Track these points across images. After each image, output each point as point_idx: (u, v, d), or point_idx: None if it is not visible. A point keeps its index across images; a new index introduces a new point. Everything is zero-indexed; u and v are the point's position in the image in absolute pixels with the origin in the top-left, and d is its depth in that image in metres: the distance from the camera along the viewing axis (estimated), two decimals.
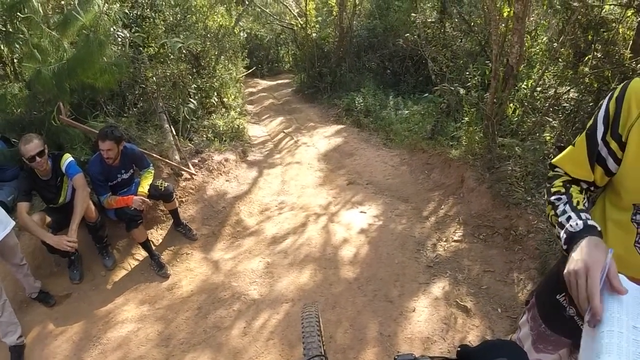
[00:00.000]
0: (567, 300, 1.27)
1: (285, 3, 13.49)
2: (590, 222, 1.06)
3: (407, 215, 4.79)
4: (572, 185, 1.22)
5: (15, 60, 4.85)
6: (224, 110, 7.74)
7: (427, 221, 4.63)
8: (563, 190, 1.21)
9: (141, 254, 4.22)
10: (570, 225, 1.07)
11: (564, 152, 1.27)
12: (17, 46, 4.17)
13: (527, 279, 3.47)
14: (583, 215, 1.09)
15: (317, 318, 2.22)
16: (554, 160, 1.29)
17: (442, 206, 4.89)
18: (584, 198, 1.17)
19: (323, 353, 1.88)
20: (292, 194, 5.71)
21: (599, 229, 1.04)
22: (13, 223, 3.18)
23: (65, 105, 4.13)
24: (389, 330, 3.16)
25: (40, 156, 3.36)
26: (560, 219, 1.13)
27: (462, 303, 3.35)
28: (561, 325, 1.33)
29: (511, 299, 3.34)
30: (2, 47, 4.63)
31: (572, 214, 1.10)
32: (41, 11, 3.63)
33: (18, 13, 3.52)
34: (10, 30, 4.00)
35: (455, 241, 4.18)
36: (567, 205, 1.15)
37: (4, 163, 4.11)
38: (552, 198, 1.21)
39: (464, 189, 4.91)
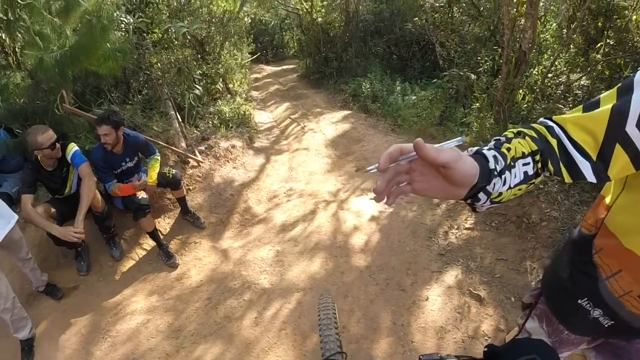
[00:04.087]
0: (591, 303, 1.21)
1: None
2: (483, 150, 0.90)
3: (417, 202, 4.72)
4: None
5: (17, 50, 4.77)
6: (229, 96, 7.65)
7: (438, 208, 4.57)
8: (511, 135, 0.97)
9: (149, 243, 4.18)
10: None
11: (568, 114, 1.00)
12: (19, 34, 4.10)
13: (540, 268, 3.41)
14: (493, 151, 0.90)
15: (334, 309, 2.18)
16: (555, 116, 1.00)
17: None
18: (523, 155, 0.92)
19: (340, 347, 1.83)
20: (300, 180, 5.65)
21: (486, 154, 0.88)
22: (16, 217, 3.14)
23: (68, 94, 4.07)
24: (402, 320, 3.12)
25: (55, 146, 3.35)
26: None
27: (475, 292, 3.30)
28: (586, 327, 1.27)
29: (524, 288, 3.28)
30: (4, 37, 4.55)
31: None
32: None
33: (19, 0, 3.44)
34: (12, 18, 3.92)
35: (467, 229, 4.12)
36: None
37: (7, 154, 4.07)
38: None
39: None
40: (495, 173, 0.85)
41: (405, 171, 0.82)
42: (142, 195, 3.81)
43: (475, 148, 0.90)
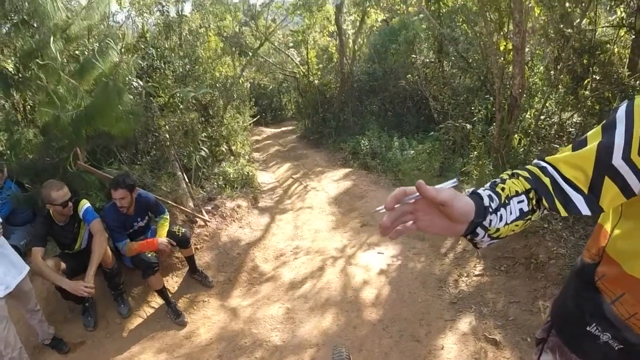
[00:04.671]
0: (600, 328, 1.23)
1: (287, 52, 13.87)
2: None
3: (425, 253, 4.73)
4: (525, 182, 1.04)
5: (28, 107, 4.93)
6: (233, 157, 7.82)
7: (446, 258, 4.57)
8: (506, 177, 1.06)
9: (157, 301, 4.14)
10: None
11: (559, 154, 1.08)
12: (32, 92, 4.24)
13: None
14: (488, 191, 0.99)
15: (349, 358, 2.15)
16: (548, 157, 1.08)
17: (460, 242, 4.82)
18: (517, 193, 1.00)
19: None
20: (306, 238, 5.67)
21: (481, 193, 0.97)
22: (28, 268, 3.15)
23: (82, 152, 4.17)
24: None
25: (70, 201, 3.42)
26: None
27: (490, 336, 3.25)
28: (597, 353, 1.28)
29: (539, 327, 3.23)
30: (15, 94, 4.72)
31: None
32: (59, 58, 3.72)
33: (37, 60, 3.61)
34: (26, 76, 4.09)
35: (476, 275, 4.11)
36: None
37: (17, 207, 4.12)
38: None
39: None
40: (490, 210, 0.94)
41: (410, 211, 0.92)
42: (151, 253, 3.82)
43: (472, 189, 1.00)
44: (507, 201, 0.98)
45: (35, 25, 4.00)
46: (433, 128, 8.14)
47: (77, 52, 4.78)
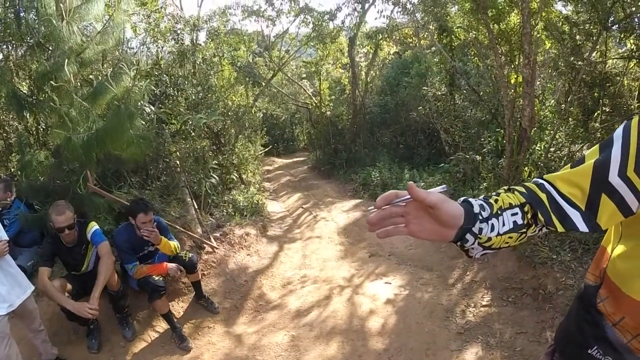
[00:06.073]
0: (601, 352, 1.22)
1: (300, 83, 14.09)
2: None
3: (432, 283, 4.69)
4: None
5: (40, 130, 5.04)
6: (243, 186, 7.89)
7: (454, 288, 4.52)
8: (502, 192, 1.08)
9: (162, 326, 4.13)
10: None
11: (558, 172, 1.09)
12: (45, 115, 4.34)
13: None
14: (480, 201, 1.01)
15: None
16: (546, 175, 1.09)
17: (468, 272, 4.78)
18: (511, 206, 1.01)
19: None
20: (314, 267, 5.65)
21: (471, 201, 0.99)
22: (32, 287, 3.18)
23: (92, 174, 4.23)
24: None
25: (70, 229, 3.42)
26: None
27: None
28: None
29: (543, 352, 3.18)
30: (28, 117, 4.84)
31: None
32: (73, 81, 3.82)
33: (51, 82, 3.71)
34: (40, 99, 4.20)
35: (484, 306, 4.05)
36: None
37: (24, 227, 4.17)
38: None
39: (488, 253, 4.81)
40: (480, 217, 0.96)
41: (402, 214, 0.94)
42: (158, 277, 3.84)
43: (463, 198, 1.02)
44: (499, 212, 0.99)
45: (50, 48, 4.14)
46: (444, 160, 8.17)
47: (91, 76, 4.92)
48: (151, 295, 3.77)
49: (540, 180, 1.08)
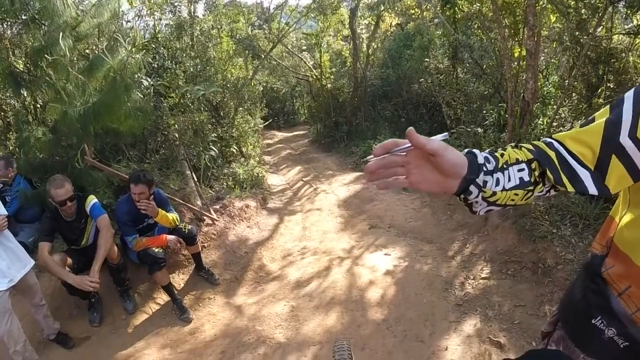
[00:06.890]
0: (605, 322, 1.20)
1: (300, 56, 13.92)
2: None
3: (432, 255, 4.70)
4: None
5: (38, 107, 5.00)
6: (243, 159, 7.87)
7: (453, 260, 4.54)
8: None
9: (162, 298, 4.17)
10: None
11: (566, 132, 1.06)
12: (42, 91, 4.30)
13: None
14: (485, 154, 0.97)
15: (349, 351, 2.15)
16: (554, 134, 1.05)
17: (467, 245, 4.79)
18: (517, 161, 0.97)
19: None
20: (313, 239, 5.67)
21: (476, 152, 0.95)
22: (33, 262, 3.19)
23: (90, 148, 4.20)
24: None
25: (70, 200, 3.42)
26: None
27: (495, 339, 3.21)
28: (601, 349, 1.26)
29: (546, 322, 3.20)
30: (25, 94, 4.80)
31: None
32: (68, 54, 3.76)
33: (45, 56, 3.66)
34: (36, 75, 4.15)
35: (483, 278, 4.07)
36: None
37: (25, 204, 4.17)
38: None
39: (488, 226, 4.82)
40: (485, 169, 0.91)
41: (402, 164, 0.90)
42: (158, 249, 3.85)
43: (467, 149, 0.97)
44: (505, 166, 0.95)
45: (44, 23, 4.06)
46: None
47: (87, 50, 4.85)
48: (151, 267, 3.78)
49: (549, 139, 1.03)
